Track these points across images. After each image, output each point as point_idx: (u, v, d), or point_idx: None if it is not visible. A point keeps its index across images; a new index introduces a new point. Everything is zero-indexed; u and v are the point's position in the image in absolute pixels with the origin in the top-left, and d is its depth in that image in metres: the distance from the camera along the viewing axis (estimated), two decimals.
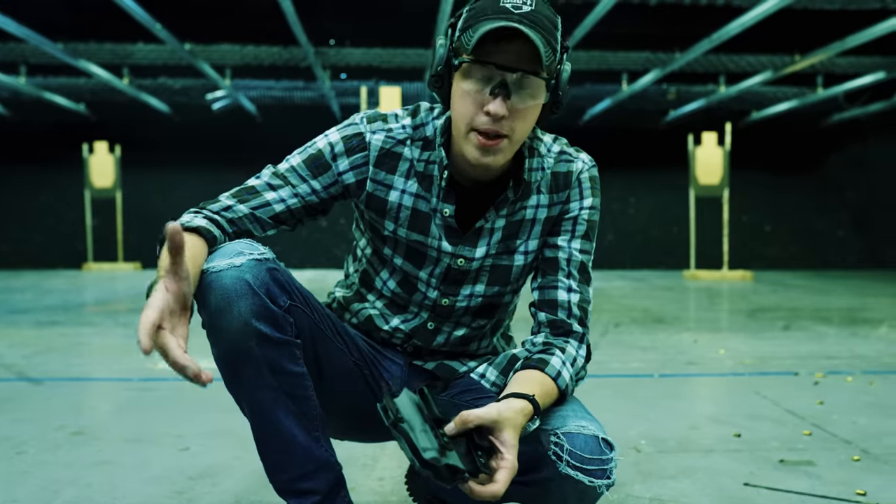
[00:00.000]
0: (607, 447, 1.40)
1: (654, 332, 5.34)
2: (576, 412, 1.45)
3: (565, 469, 1.37)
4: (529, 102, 1.39)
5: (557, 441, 1.38)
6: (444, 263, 1.55)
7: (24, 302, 7.42)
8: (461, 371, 1.65)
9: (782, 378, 3.78)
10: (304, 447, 1.47)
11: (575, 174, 1.57)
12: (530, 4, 1.35)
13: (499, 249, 1.56)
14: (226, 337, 1.36)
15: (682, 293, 8.84)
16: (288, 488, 1.52)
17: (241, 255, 1.37)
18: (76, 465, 2.34)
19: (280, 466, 1.50)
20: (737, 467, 2.36)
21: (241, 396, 1.45)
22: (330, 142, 1.53)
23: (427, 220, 1.54)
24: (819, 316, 6.39)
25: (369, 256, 1.63)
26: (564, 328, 1.53)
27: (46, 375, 3.76)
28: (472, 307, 1.59)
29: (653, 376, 3.84)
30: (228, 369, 1.41)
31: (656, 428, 2.78)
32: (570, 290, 1.54)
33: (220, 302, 1.34)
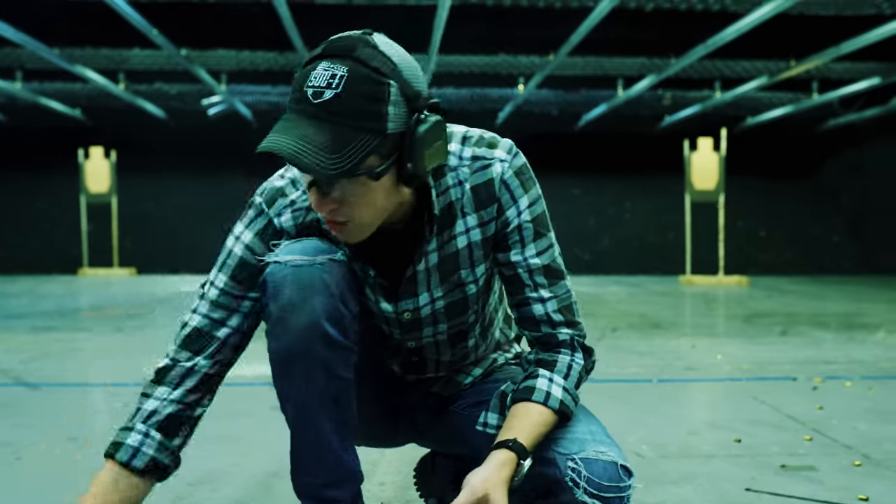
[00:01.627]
0: (626, 474, 1.37)
1: (651, 337, 5.34)
2: (594, 435, 1.42)
3: (582, 496, 1.34)
4: (357, 191, 1.26)
5: (575, 467, 1.36)
6: (394, 319, 1.51)
7: (19, 307, 7.39)
8: (466, 383, 1.64)
9: (781, 383, 3.78)
10: (336, 454, 1.44)
11: (497, 181, 1.40)
12: (336, 86, 1.20)
13: (445, 289, 1.47)
14: (292, 332, 1.33)
15: (678, 298, 8.84)
16: (312, 493, 1.48)
17: (322, 253, 1.34)
18: (74, 471, 2.32)
19: (309, 470, 1.46)
20: (738, 473, 2.36)
21: (287, 396, 1.41)
22: (246, 244, 1.43)
23: (363, 282, 1.47)
24: (816, 321, 6.39)
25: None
26: (552, 343, 1.47)
27: (43, 380, 3.74)
28: (440, 341, 1.56)
29: (651, 381, 3.83)
30: (283, 366, 1.38)
31: (656, 433, 2.77)
32: (542, 300, 1.44)
33: (295, 297, 1.31)
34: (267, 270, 1.36)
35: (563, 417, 1.42)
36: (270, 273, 1.35)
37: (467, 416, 1.60)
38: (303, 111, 1.22)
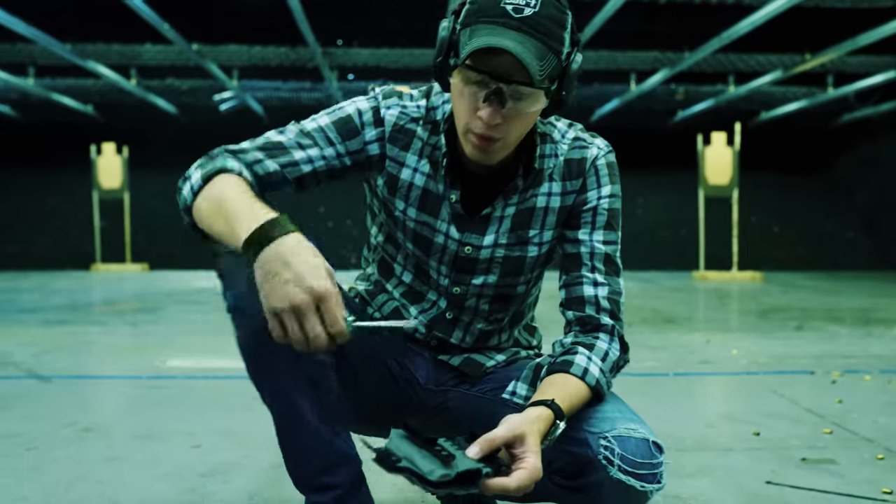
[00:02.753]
0: (657, 450, 1.35)
1: (665, 332, 5.29)
2: (623, 413, 1.40)
3: (616, 474, 1.32)
4: (525, 110, 1.33)
5: (608, 445, 1.33)
6: (452, 251, 1.51)
7: (32, 302, 7.40)
8: (489, 366, 1.60)
9: (798, 377, 3.73)
10: (325, 440, 1.42)
11: (589, 161, 1.50)
12: (534, 6, 1.28)
13: (510, 240, 1.51)
14: (251, 321, 1.31)
15: (691, 294, 8.79)
16: (308, 482, 1.47)
17: None
18: (86, 462, 2.31)
19: (301, 459, 1.45)
20: (757, 466, 2.32)
21: (262, 384, 1.40)
22: (359, 108, 1.49)
23: (437, 203, 1.50)
24: (831, 316, 6.33)
25: (382, 243, 1.59)
26: (593, 324, 1.48)
27: (55, 373, 3.73)
28: (485, 296, 1.55)
29: (666, 375, 3.79)
30: (251, 354, 1.37)
31: (672, 426, 2.73)
32: (596, 283, 1.48)
33: (249, 283, 1.30)
34: (220, 264, 1.34)
35: (597, 397, 1.41)
36: (224, 264, 1.33)
37: (489, 399, 1.57)
38: (505, 24, 1.28)
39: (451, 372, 1.60)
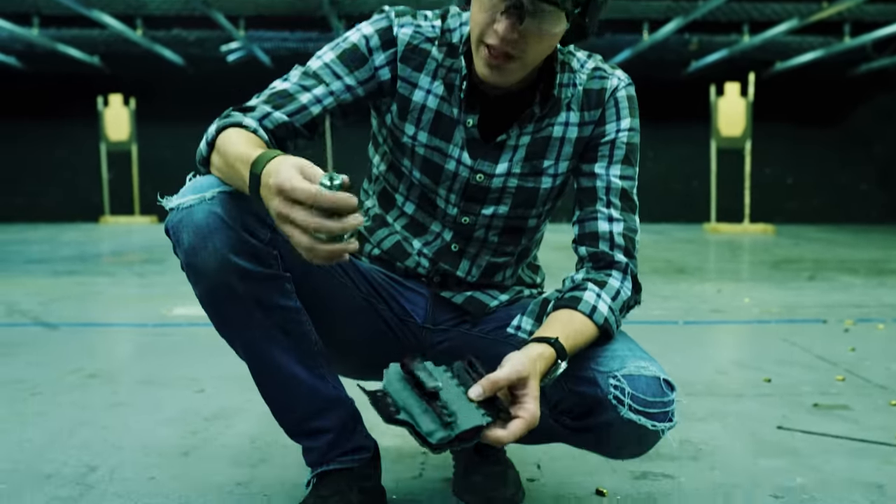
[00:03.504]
0: (669, 388, 1.31)
1: (676, 281, 5.25)
2: (633, 351, 1.36)
3: (627, 414, 1.28)
4: (544, 30, 1.27)
5: (618, 384, 1.29)
6: (463, 178, 1.45)
7: (40, 253, 7.40)
8: (492, 305, 1.56)
9: (811, 326, 3.69)
10: (308, 385, 1.39)
11: (609, 91, 1.45)
12: None
13: (524, 169, 1.45)
14: (205, 276, 1.27)
15: (702, 245, 8.72)
16: (297, 429, 1.45)
17: (212, 187, 1.26)
18: (91, 407, 2.29)
19: (285, 407, 1.43)
20: (768, 411, 2.28)
21: (232, 338, 1.37)
22: (364, 35, 1.42)
23: (450, 127, 1.44)
24: (844, 267, 6.26)
25: (384, 172, 1.53)
26: (606, 260, 1.43)
27: (62, 321, 3.72)
28: (494, 228, 1.50)
29: (677, 323, 3.75)
30: (213, 310, 1.33)
31: (682, 372, 2.70)
32: (611, 219, 1.44)
33: (194, 239, 1.25)
34: (166, 220, 1.30)
35: (605, 336, 1.36)
36: (168, 221, 1.29)
37: (492, 339, 1.53)
38: None
39: (451, 312, 1.56)
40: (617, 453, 1.40)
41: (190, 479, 1.74)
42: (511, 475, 1.67)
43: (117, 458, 1.85)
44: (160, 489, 1.68)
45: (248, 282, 1.28)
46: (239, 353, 1.40)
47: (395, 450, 1.93)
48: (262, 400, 1.44)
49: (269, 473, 1.77)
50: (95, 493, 1.65)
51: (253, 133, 1.29)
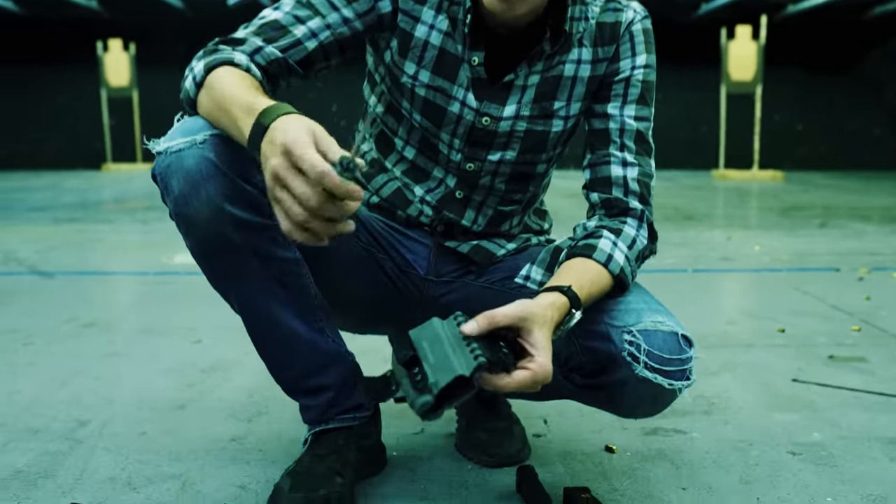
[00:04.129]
0: (687, 344, 1.23)
1: (685, 229, 5.16)
2: (649, 304, 1.27)
3: (642, 372, 1.20)
4: None
5: (633, 340, 1.21)
6: (467, 122, 1.34)
7: (42, 200, 7.32)
8: (499, 254, 1.47)
9: (824, 274, 3.60)
10: (307, 341, 1.32)
11: (624, 25, 1.35)
12: None
13: (533, 111, 1.35)
14: (197, 226, 1.18)
15: (711, 192, 8.60)
16: (296, 387, 1.38)
17: (203, 130, 1.17)
18: (85, 357, 2.23)
19: (283, 364, 1.36)
20: (782, 363, 2.21)
21: (226, 291, 1.30)
22: None
23: (454, 66, 1.33)
24: (856, 214, 6.15)
25: (382, 115, 1.43)
26: (620, 207, 1.34)
27: (60, 269, 3.66)
28: (501, 174, 1.40)
29: (686, 271, 3.67)
30: (206, 262, 1.25)
31: (694, 323, 2.60)
32: (625, 163, 1.34)
33: (185, 187, 1.16)
34: (153, 165, 1.20)
35: (620, 287, 1.28)
36: (156, 166, 1.19)
37: (498, 289, 1.44)
38: None
39: (455, 262, 1.47)
40: (630, 413, 1.32)
41: (183, 433, 1.68)
42: (516, 431, 1.60)
43: (109, 412, 1.79)
44: (151, 445, 1.62)
45: (243, 232, 1.20)
46: (234, 306, 1.32)
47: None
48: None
49: (266, 428, 1.71)
50: (84, 449, 1.59)
51: (245, 72, 1.19)
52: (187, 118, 1.21)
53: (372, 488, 1.44)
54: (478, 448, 1.56)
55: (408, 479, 1.49)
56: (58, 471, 1.49)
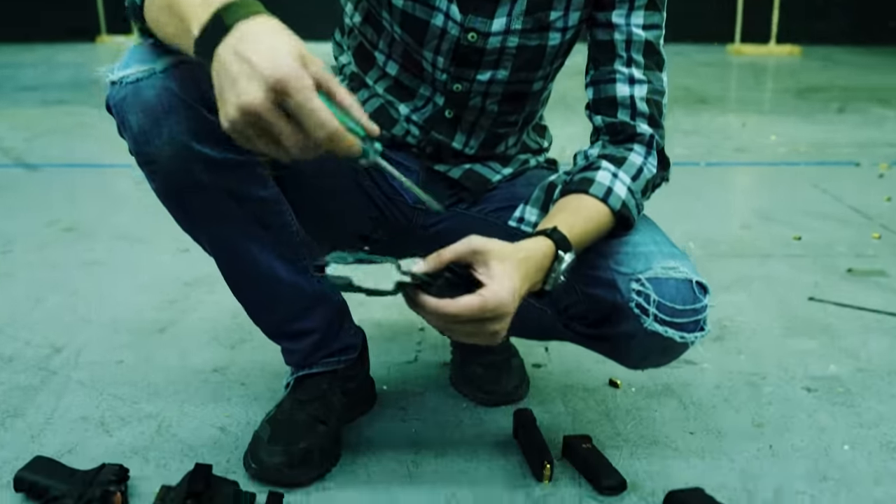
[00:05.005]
0: (702, 292, 1.10)
1: (697, 113, 4.94)
2: (659, 245, 1.13)
3: (651, 325, 1.08)
4: None
5: (641, 290, 1.08)
6: (452, 38, 1.17)
7: (33, 78, 7.07)
8: (494, 180, 1.32)
9: (843, 169, 3.44)
10: (289, 283, 1.20)
11: None
12: None
13: (526, 24, 1.17)
14: (161, 168, 1.04)
15: (725, 70, 8.28)
16: (278, 331, 1.28)
17: (163, 57, 1.01)
18: (63, 267, 2.12)
19: (264, 308, 1.25)
20: (799, 277, 2.09)
21: (198, 235, 1.17)
22: None
23: None
24: (876, 97, 5.89)
25: (359, 25, 1.25)
26: (626, 133, 1.18)
27: (45, 161, 3.51)
28: (492, 95, 1.24)
29: (698, 165, 3.51)
30: (174, 205, 1.12)
31: (705, 227, 2.49)
32: (632, 80, 1.18)
33: (145, 122, 1.01)
34: (107, 95, 1.04)
35: (622, 224, 1.13)
36: (110, 97, 1.04)
37: (492, 221, 1.30)
38: None
39: (446, 188, 1.32)
40: (637, 365, 1.21)
41: (162, 362, 1.59)
42: (514, 364, 1.51)
43: (85, 336, 1.70)
44: (128, 376, 1.53)
45: (215, 172, 1.06)
46: (205, 249, 1.20)
47: (388, 326, 1.77)
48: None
49: (249, 357, 1.62)
50: (57, 382, 1.50)
51: None
52: (143, 44, 1.05)
53: (359, 431, 1.35)
54: (473, 384, 1.47)
55: (398, 419, 1.40)
56: (27, 409, 1.41)
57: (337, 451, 1.27)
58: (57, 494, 1.12)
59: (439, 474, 1.24)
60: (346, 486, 1.21)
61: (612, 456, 1.28)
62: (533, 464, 1.25)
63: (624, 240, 1.14)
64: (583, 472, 1.24)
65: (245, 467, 1.22)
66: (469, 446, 1.32)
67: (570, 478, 1.24)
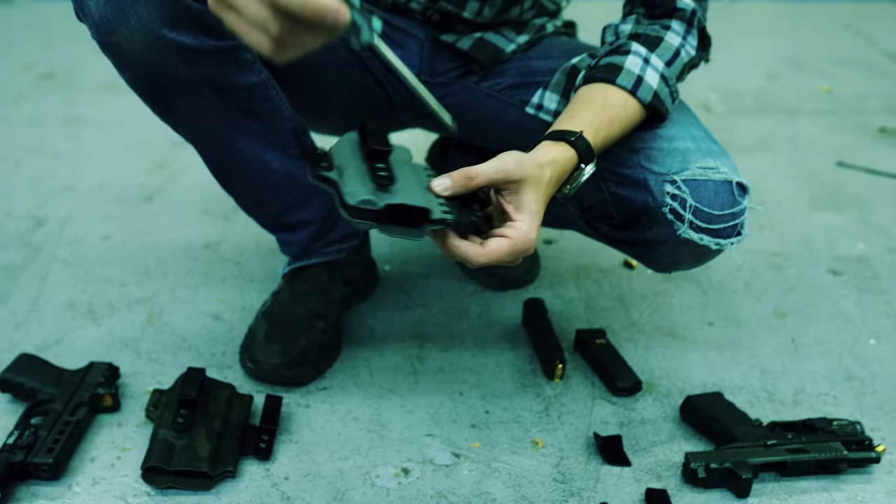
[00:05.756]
0: (741, 193, 0.99)
1: None
2: (697, 141, 1.00)
3: (686, 232, 0.97)
4: None
5: (676, 193, 0.96)
6: None
7: None
8: (508, 50, 1.17)
9: (878, 7, 3.19)
10: (282, 174, 1.09)
11: None
12: None
13: None
14: (131, 60, 0.91)
15: None
16: (273, 223, 1.18)
17: None
18: (42, 123, 1.99)
19: (257, 203, 1.15)
20: (827, 137, 1.97)
21: (180, 128, 1.05)
22: None
23: None
24: None
25: None
26: (665, 6, 1.02)
27: None
28: None
29: (722, 0, 3.27)
30: (152, 99, 0.99)
31: (728, 76, 2.32)
32: None
33: (107, 10, 0.87)
34: None
35: (655, 117, 1.00)
36: None
37: (506, 100, 1.17)
38: None
39: (453, 60, 1.17)
40: (665, 270, 1.11)
41: (151, 237, 1.50)
42: None
43: (68, 206, 1.60)
44: (115, 255, 1.44)
45: (193, 62, 0.93)
46: (188, 140, 1.08)
47: None
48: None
49: (242, 230, 1.52)
50: (41, 260, 1.42)
51: None
52: None
53: (360, 319, 1.29)
54: (482, 268, 1.38)
55: (401, 305, 1.33)
56: (11, 292, 1.33)
57: (337, 345, 1.21)
58: (45, 398, 1.07)
59: (445, 372, 1.18)
60: (348, 386, 1.15)
61: (626, 349, 1.22)
62: (544, 362, 1.18)
63: (657, 133, 1.01)
64: (596, 371, 1.18)
65: (241, 365, 1.16)
66: (476, 338, 1.25)
67: (582, 376, 1.18)
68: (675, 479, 1.01)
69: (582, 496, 0.98)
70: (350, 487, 0.98)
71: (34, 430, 1.00)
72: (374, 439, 1.06)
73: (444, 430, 1.08)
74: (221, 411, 1.04)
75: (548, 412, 1.11)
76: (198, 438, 0.99)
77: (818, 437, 1.03)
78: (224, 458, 1.00)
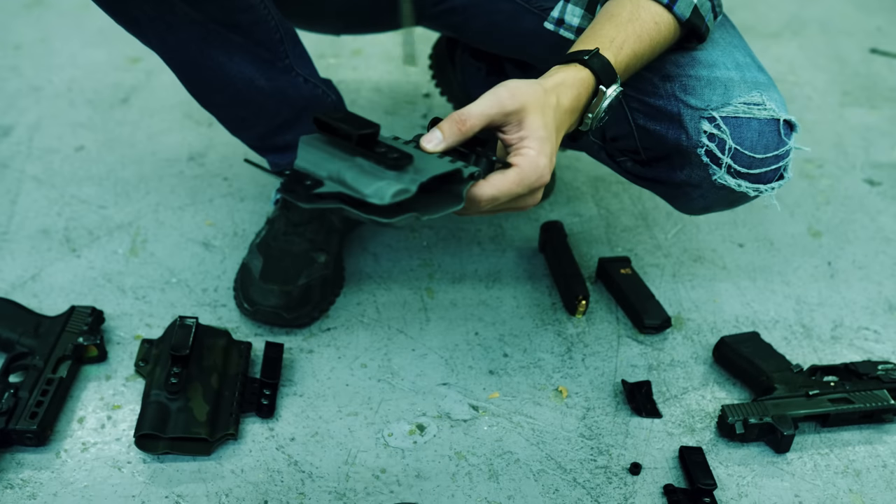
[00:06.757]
0: (788, 132, 0.87)
1: None
2: (741, 70, 0.87)
3: (723, 178, 0.86)
4: None
5: (715, 133, 0.84)
6: None
7: None
8: None
9: None
10: (269, 92, 0.97)
11: None
12: None
13: None
14: None
15: None
16: (262, 145, 1.07)
17: None
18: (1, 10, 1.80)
19: (243, 124, 1.03)
20: (859, 19, 1.81)
21: (151, 42, 0.93)
22: None
23: None
24: None
25: None
26: None
27: None
28: None
29: None
30: (113, 12, 0.89)
31: None
32: None
33: None
34: None
35: (693, 36, 0.87)
36: None
37: (523, 4, 1.02)
38: None
39: None
40: (694, 213, 1.00)
41: (128, 148, 1.37)
42: None
43: (36, 111, 1.45)
44: (91, 170, 1.32)
45: None
46: (162, 58, 0.95)
47: (389, 93, 1.53)
48: None
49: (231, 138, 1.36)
50: (10, 178, 1.29)
51: None
52: None
53: (364, 246, 1.19)
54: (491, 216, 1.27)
55: (406, 228, 1.22)
56: None
57: (340, 279, 1.11)
58: (24, 350, 0.98)
59: (458, 307, 1.09)
60: (354, 327, 1.06)
61: (651, 278, 1.13)
62: (565, 296, 1.10)
63: (696, 57, 0.88)
64: (621, 306, 1.10)
65: (237, 305, 1.07)
66: (490, 267, 1.16)
67: (605, 310, 1.10)
68: (710, 431, 0.94)
69: (611, 454, 0.92)
70: (362, 449, 0.91)
71: (14, 391, 0.92)
72: (385, 390, 0.98)
73: (459, 379, 1.00)
74: (218, 365, 0.96)
75: (570, 354, 1.03)
76: (194, 399, 0.91)
77: (863, 385, 0.96)
78: (224, 418, 0.92)
